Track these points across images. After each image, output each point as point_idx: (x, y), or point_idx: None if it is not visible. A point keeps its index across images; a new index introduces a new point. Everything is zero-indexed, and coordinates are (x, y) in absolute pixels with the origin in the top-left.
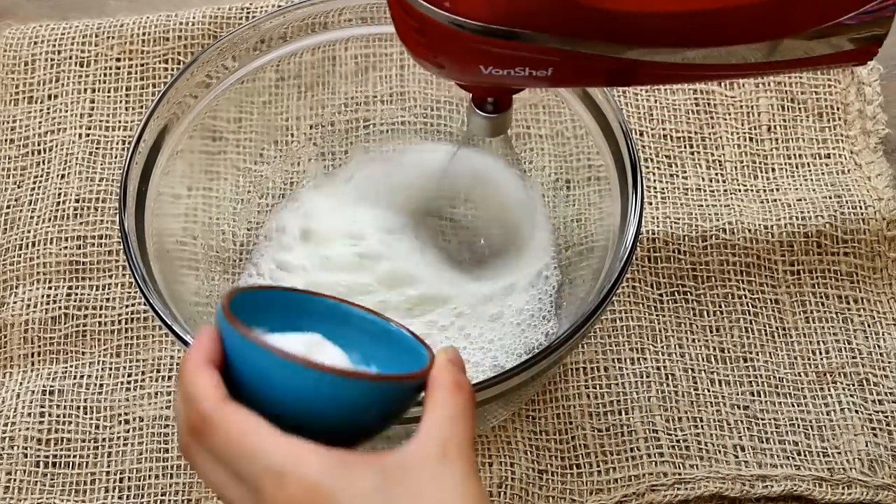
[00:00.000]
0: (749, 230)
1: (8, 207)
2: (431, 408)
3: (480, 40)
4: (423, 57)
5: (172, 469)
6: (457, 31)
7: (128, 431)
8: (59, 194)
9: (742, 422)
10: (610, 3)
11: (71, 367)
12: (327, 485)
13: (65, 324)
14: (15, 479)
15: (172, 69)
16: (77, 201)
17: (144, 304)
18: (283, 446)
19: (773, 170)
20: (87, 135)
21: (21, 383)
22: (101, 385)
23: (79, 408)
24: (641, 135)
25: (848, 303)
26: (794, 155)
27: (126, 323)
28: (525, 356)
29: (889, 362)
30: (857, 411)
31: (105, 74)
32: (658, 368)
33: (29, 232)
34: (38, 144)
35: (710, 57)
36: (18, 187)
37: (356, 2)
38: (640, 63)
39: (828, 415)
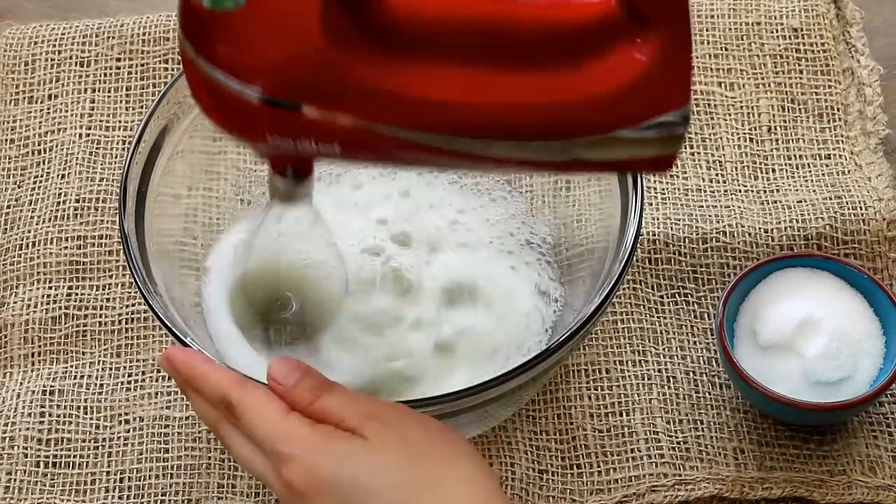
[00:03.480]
0: (749, 233)
1: (8, 207)
2: None
3: (263, 108)
4: (215, 119)
5: (172, 469)
6: (237, 96)
7: (128, 431)
8: (60, 194)
9: (742, 424)
10: (385, 83)
11: (71, 367)
12: (315, 463)
13: (65, 324)
14: (15, 479)
15: (173, 69)
16: (77, 201)
17: (145, 305)
18: (286, 425)
19: (774, 170)
20: (88, 135)
21: (21, 383)
22: (102, 385)
23: (79, 408)
24: None
25: None
26: (795, 156)
27: (126, 323)
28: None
29: None
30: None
31: (105, 74)
32: (659, 370)
33: (29, 232)
34: (39, 144)
35: (499, 149)
36: (19, 187)
37: None
38: (432, 150)
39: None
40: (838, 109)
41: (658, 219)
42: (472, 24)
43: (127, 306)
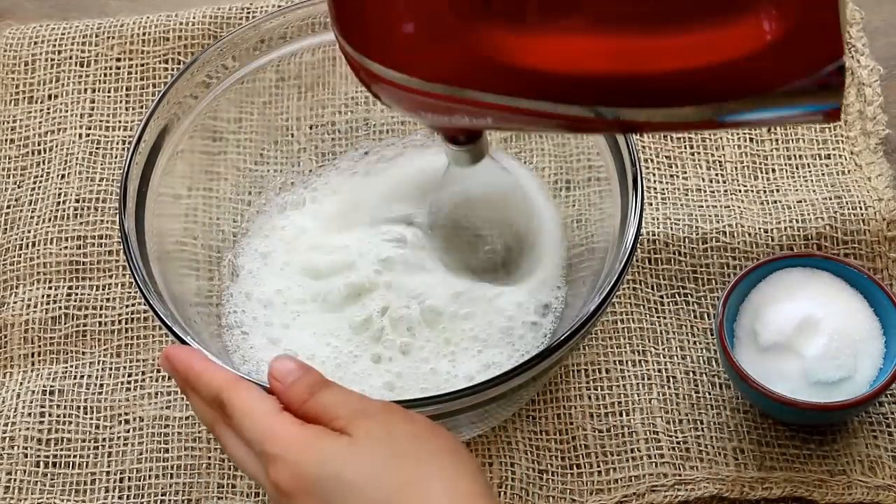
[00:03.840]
0: (749, 233)
1: (8, 207)
2: None
3: (416, 91)
4: (375, 94)
5: (172, 469)
6: (390, 81)
7: (128, 431)
8: (60, 194)
9: (742, 424)
10: (532, 60)
11: (71, 367)
12: (301, 462)
13: (65, 324)
14: (15, 479)
15: (173, 69)
16: (77, 201)
17: (145, 305)
18: (273, 426)
19: (774, 170)
20: (88, 135)
21: (21, 383)
22: (102, 385)
23: (79, 408)
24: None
25: None
26: (795, 156)
27: (126, 323)
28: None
29: None
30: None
31: (105, 74)
32: (659, 370)
33: (29, 232)
34: (39, 144)
35: (654, 115)
36: (18, 187)
37: None
38: (579, 119)
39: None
40: None
41: (658, 219)
42: None
43: (127, 306)
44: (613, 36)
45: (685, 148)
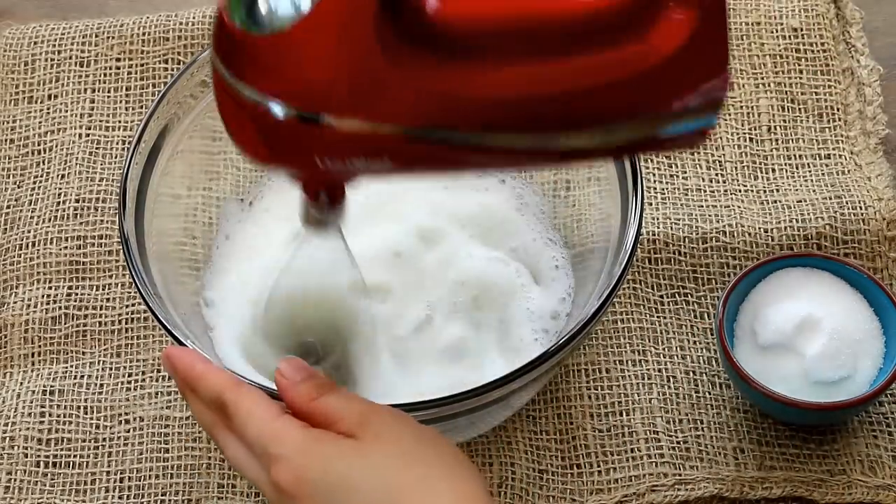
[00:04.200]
0: (749, 233)
1: (8, 207)
2: None
3: (314, 129)
4: (255, 152)
5: (172, 469)
6: (285, 121)
7: (128, 431)
8: (59, 194)
9: (742, 424)
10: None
11: (71, 367)
12: (300, 460)
13: (65, 324)
14: (15, 479)
15: (172, 69)
16: (77, 201)
17: (144, 305)
18: (274, 426)
19: (774, 170)
20: (87, 135)
21: (21, 383)
22: (102, 385)
23: (79, 408)
24: None
25: None
26: (795, 156)
27: (126, 323)
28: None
29: None
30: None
31: (105, 74)
32: (659, 370)
33: (29, 232)
34: (38, 144)
35: (540, 143)
36: (18, 187)
37: None
38: (474, 148)
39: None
40: (838, 109)
41: (658, 218)
42: (517, 19)
43: (127, 306)
44: (523, 61)
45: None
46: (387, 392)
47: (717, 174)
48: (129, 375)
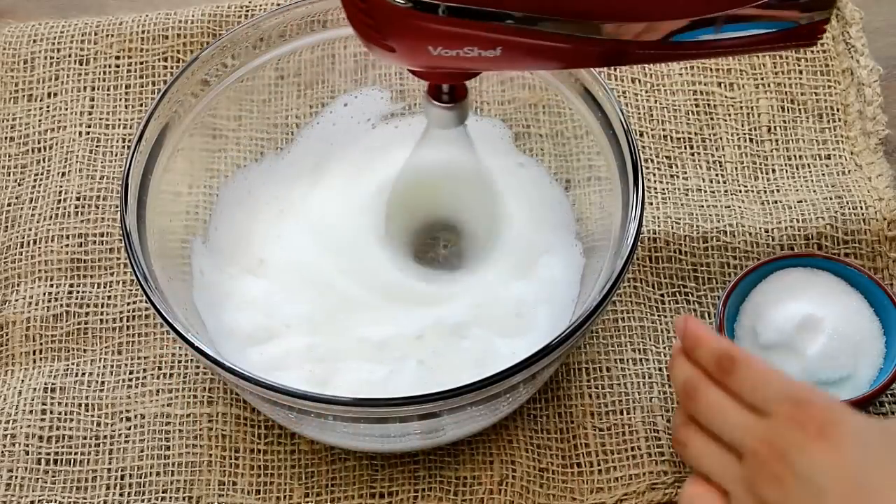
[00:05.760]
0: (749, 233)
1: (9, 205)
2: None
3: (428, 18)
4: (373, 41)
5: (173, 466)
6: (402, 9)
7: (129, 429)
8: (60, 192)
9: None
10: None
11: (72, 364)
12: (839, 410)
13: (66, 321)
14: (16, 477)
15: (172, 67)
16: (78, 199)
17: (146, 302)
18: (800, 383)
19: (774, 171)
20: (88, 133)
21: (23, 381)
22: (103, 382)
23: (80, 405)
24: (641, 135)
25: None
26: (795, 156)
27: (127, 320)
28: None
29: None
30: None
31: (105, 72)
32: (660, 369)
33: (30, 230)
34: (39, 142)
35: (644, 34)
36: (19, 185)
37: None
38: (588, 41)
39: None
40: (838, 110)
41: (658, 217)
42: None
43: (128, 304)
44: None
45: (685, 148)
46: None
47: (717, 174)
48: (131, 373)
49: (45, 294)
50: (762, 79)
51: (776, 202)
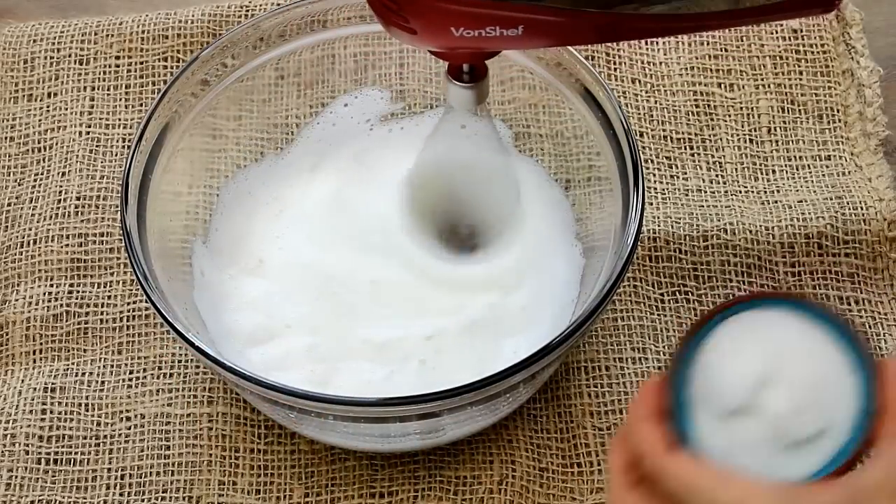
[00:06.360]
0: (750, 231)
1: (9, 205)
2: (887, 446)
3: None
4: (395, 24)
5: (174, 466)
6: None
7: (129, 428)
8: (60, 192)
9: None
10: None
11: (72, 364)
12: None
13: (66, 321)
14: (16, 476)
15: (172, 67)
16: (78, 199)
17: (146, 302)
18: (736, 483)
19: (774, 171)
20: (88, 132)
21: (23, 380)
22: (103, 382)
23: (80, 405)
24: (641, 136)
25: (849, 304)
26: (795, 157)
27: (128, 320)
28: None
29: None
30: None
31: (104, 72)
32: (659, 368)
33: (30, 229)
34: (39, 142)
35: (676, 7)
36: (19, 185)
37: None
38: (607, 16)
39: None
40: (838, 111)
41: (658, 217)
42: None
43: (128, 304)
44: None
45: (685, 149)
46: None
47: (717, 175)
48: (131, 373)
49: (45, 294)
50: (762, 79)
51: (776, 202)
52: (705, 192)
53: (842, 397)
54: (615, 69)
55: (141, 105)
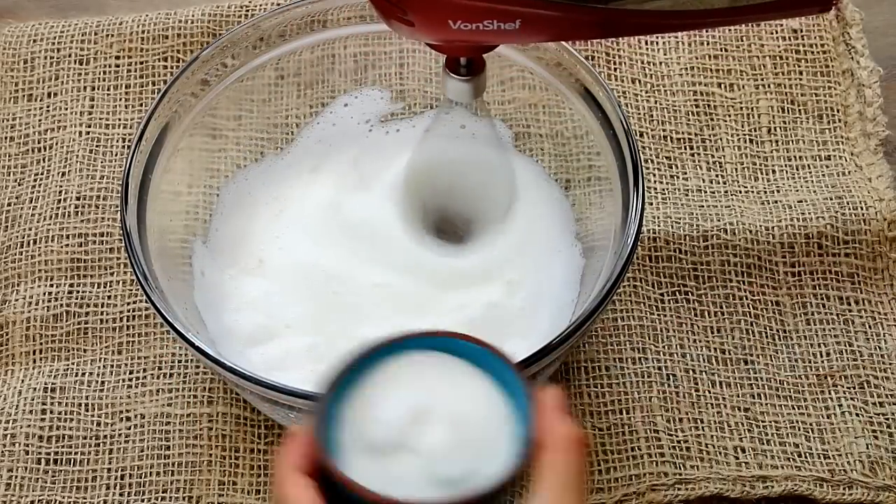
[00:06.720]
0: (750, 231)
1: (9, 205)
2: (545, 475)
3: None
4: (392, 16)
5: (173, 466)
6: None
7: (129, 428)
8: (60, 192)
9: (743, 423)
10: None
11: (72, 364)
12: None
13: (66, 321)
14: (16, 476)
15: (172, 67)
16: (78, 199)
17: (145, 302)
18: None
19: (774, 171)
20: (88, 132)
21: (23, 380)
22: (103, 382)
23: (80, 405)
24: (641, 136)
25: (849, 304)
26: (795, 157)
27: (127, 320)
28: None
29: (890, 364)
30: (857, 414)
31: (104, 72)
32: (659, 368)
33: (30, 229)
34: (39, 142)
35: (677, 3)
36: (19, 185)
37: (355, 0)
38: (605, 12)
39: (828, 417)
40: (838, 111)
41: (658, 217)
42: None
43: (128, 304)
44: None
45: (685, 149)
46: None
47: (717, 175)
48: (131, 373)
49: (45, 294)
50: (762, 80)
51: (776, 202)
52: (705, 192)
53: (497, 432)
54: (615, 69)
55: (141, 105)
